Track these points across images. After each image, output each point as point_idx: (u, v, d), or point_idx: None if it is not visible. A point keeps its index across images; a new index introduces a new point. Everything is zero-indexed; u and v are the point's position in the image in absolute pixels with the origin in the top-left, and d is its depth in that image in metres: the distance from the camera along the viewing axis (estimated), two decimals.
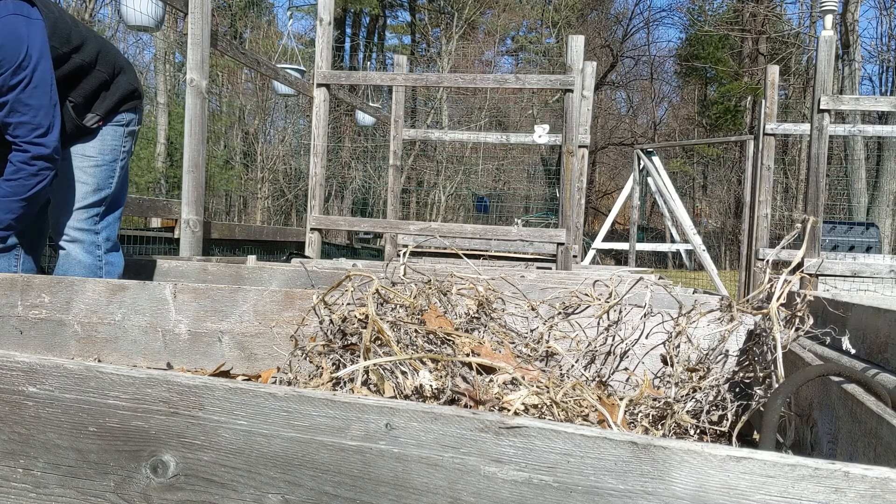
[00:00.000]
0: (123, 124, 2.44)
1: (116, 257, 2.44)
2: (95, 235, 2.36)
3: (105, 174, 2.39)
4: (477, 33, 22.50)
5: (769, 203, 6.70)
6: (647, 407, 1.30)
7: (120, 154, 2.44)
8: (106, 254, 2.39)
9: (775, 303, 1.26)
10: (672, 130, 26.25)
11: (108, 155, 2.40)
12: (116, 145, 2.43)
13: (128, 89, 2.43)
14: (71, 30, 2.24)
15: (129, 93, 2.44)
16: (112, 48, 2.45)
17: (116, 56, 2.44)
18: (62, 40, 2.19)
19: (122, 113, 2.43)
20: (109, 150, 2.40)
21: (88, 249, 2.34)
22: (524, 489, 0.59)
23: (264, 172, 15.19)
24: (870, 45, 19.25)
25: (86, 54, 2.27)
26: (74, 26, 2.28)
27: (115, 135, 2.42)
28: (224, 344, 1.62)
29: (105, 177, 2.39)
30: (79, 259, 2.31)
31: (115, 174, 2.42)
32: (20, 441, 0.73)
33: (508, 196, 17.68)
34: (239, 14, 16.26)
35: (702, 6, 24.73)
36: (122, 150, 2.44)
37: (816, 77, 4.39)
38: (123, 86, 2.42)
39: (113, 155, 2.41)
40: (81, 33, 2.29)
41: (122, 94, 2.41)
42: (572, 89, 4.09)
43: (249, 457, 0.66)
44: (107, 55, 2.36)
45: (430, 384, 1.06)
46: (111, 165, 2.41)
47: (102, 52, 2.33)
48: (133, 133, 2.50)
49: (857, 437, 0.86)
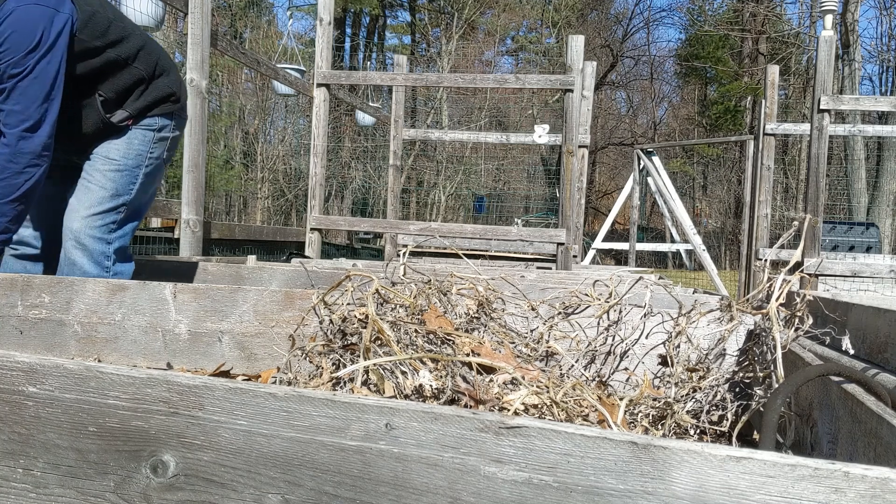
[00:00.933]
0: (154, 129, 2.32)
1: (126, 268, 2.30)
2: (106, 245, 2.23)
3: (126, 180, 2.27)
4: (477, 33, 22.50)
5: (769, 203, 6.71)
6: (647, 407, 1.30)
7: (145, 160, 2.31)
8: (115, 264, 2.25)
9: (775, 303, 1.26)
10: (672, 130, 26.26)
11: (131, 160, 2.28)
12: (143, 150, 2.30)
13: (165, 92, 2.33)
14: (111, 24, 2.17)
15: (165, 96, 2.33)
16: (157, 49, 2.36)
17: (161, 57, 2.34)
18: (96, 34, 2.12)
19: (156, 117, 2.32)
20: (134, 155, 2.28)
21: (96, 259, 2.21)
22: (524, 489, 0.59)
23: (264, 172, 15.19)
24: (870, 45, 19.27)
25: (123, 50, 2.19)
26: (118, 21, 2.22)
27: (144, 139, 2.31)
28: (224, 344, 1.62)
29: (126, 183, 2.27)
30: (83, 269, 2.18)
31: (136, 181, 2.29)
32: (20, 441, 0.73)
33: (508, 196, 17.68)
34: (239, 14, 16.26)
35: (702, 6, 24.75)
36: (147, 156, 2.31)
37: (816, 77, 4.39)
38: (161, 88, 2.32)
39: (137, 160, 2.29)
40: (124, 28, 2.22)
41: (158, 96, 2.31)
42: (572, 89, 4.09)
43: (249, 457, 0.66)
44: (149, 54, 2.27)
45: (430, 384, 1.06)
46: (134, 171, 2.28)
47: (145, 51, 2.25)
48: (165, 140, 2.36)
49: (857, 437, 0.86)
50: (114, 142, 2.26)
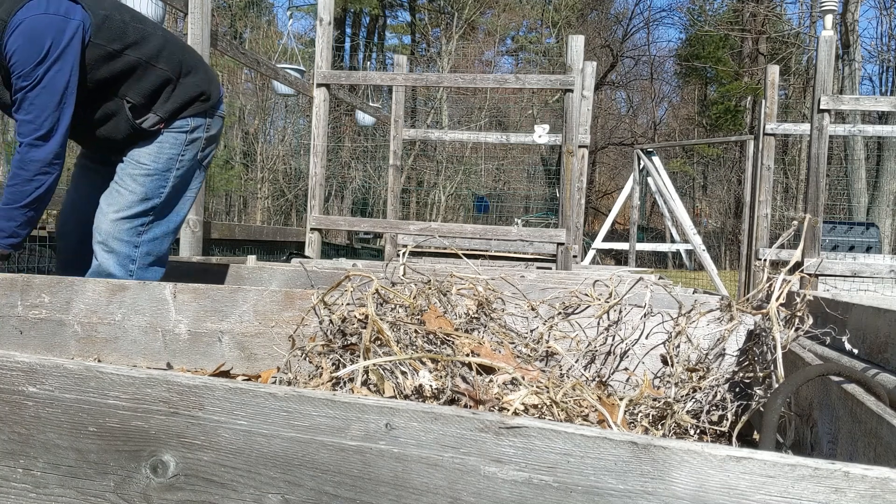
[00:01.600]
0: (186, 130, 2.28)
1: (153, 273, 2.27)
2: (134, 249, 2.21)
3: (155, 184, 2.24)
4: (477, 33, 22.50)
5: (769, 203, 6.71)
6: (647, 407, 1.30)
7: (176, 163, 2.27)
8: (140, 269, 2.23)
9: (775, 303, 1.26)
10: (672, 130, 26.26)
11: (161, 164, 2.25)
12: (174, 154, 2.26)
13: (195, 92, 2.28)
14: (127, 26, 2.15)
15: (195, 95, 2.28)
16: (181, 47, 2.32)
17: (185, 54, 2.30)
18: (112, 37, 2.10)
19: (187, 118, 2.28)
20: (165, 159, 2.25)
21: (122, 262, 2.19)
22: (524, 489, 0.59)
23: (264, 172, 15.19)
24: (870, 45, 19.27)
25: (144, 51, 2.16)
26: (135, 22, 2.19)
27: (175, 142, 2.27)
28: (224, 344, 1.62)
29: (155, 187, 2.24)
30: (109, 272, 2.17)
31: (167, 184, 2.26)
32: (20, 441, 0.73)
33: (508, 196, 17.68)
34: (239, 14, 16.26)
35: (702, 6, 24.74)
36: (179, 159, 2.28)
37: (816, 77, 4.39)
38: (190, 87, 2.27)
39: (168, 164, 2.26)
40: (143, 29, 2.19)
41: (188, 96, 2.27)
42: (572, 89, 4.09)
43: (249, 457, 0.66)
44: (172, 53, 2.24)
45: (430, 384, 1.06)
46: (164, 175, 2.25)
47: (168, 50, 2.22)
48: (197, 140, 2.32)
49: (857, 437, 0.86)
50: (145, 147, 2.25)
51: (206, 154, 2.39)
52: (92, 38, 2.07)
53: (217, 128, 2.40)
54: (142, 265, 2.24)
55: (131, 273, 2.21)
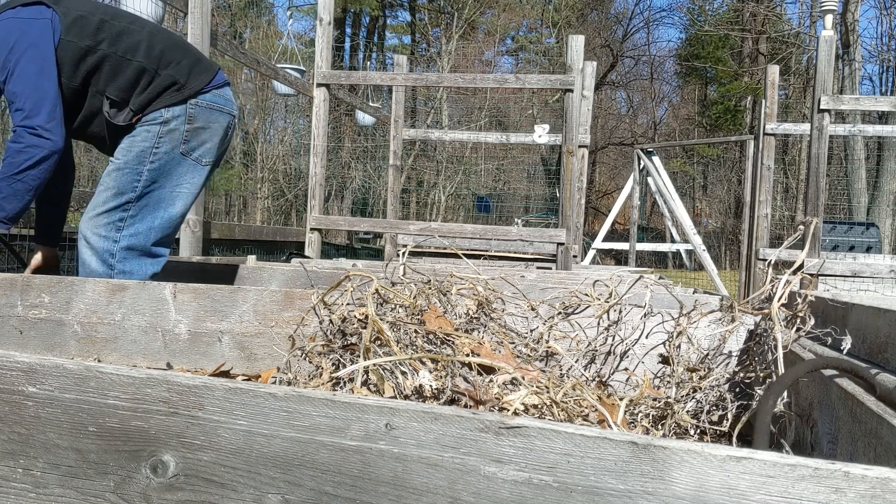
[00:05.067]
0: (159, 122, 2.24)
1: (136, 267, 2.24)
2: (113, 244, 2.20)
3: (127, 178, 2.22)
4: (477, 33, 22.50)
5: (769, 203, 6.71)
6: (647, 407, 1.29)
7: (149, 156, 2.23)
8: (120, 262, 2.21)
9: (776, 303, 1.26)
10: (672, 130, 26.25)
11: (132, 157, 2.22)
12: (146, 147, 2.23)
13: (167, 82, 2.24)
14: (103, 24, 2.17)
15: (167, 85, 2.24)
16: (169, 41, 2.30)
17: (168, 47, 2.28)
18: (83, 34, 2.14)
19: (160, 109, 2.24)
20: (136, 153, 2.23)
21: (102, 257, 2.20)
22: (524, 489, 0.59)
23: (264, 172, 15.19)
24: (870, 45, 19.26)
25: (118, 46, 2.17)
26: (115, 20, 2.21)
27: (147, 135, 2.24)
28: (224, 344, 1.62)
29: (128, 181, 2.22)
30: (90, 266, 2.19)
31: (139, 178, 2.23)
32: (20, 441, 0.73)
33: (508, 196, 17.68)
34: (239, 14, 16.26)
35: (702, 6, 24.75)
36: (152, 152, 2.23)
37: (816, 77, 4.39)
38: (164, 78, 2.24)
39: (139, 157, 2.23)
40: (121, 26, 2.20)
41: (161, 87, 2.24)
42: (572, 89, 4.09)
43: (249, 457, 0.66)
44: (152, 47, 2.23)
45: (430, 384, 1.06)
46: (135, 169, 2.22)
47: (148, 44, 2.22)
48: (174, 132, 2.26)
49: (857, 437, 0.86)
50: (122, 142, 2.26)
51: (195, 147, 2.32)
52: (63, 35, 2.12)
53: (205, 120, 2.32)
54: (122, 259, 2.22)
55: (111, 267, 2.21)
